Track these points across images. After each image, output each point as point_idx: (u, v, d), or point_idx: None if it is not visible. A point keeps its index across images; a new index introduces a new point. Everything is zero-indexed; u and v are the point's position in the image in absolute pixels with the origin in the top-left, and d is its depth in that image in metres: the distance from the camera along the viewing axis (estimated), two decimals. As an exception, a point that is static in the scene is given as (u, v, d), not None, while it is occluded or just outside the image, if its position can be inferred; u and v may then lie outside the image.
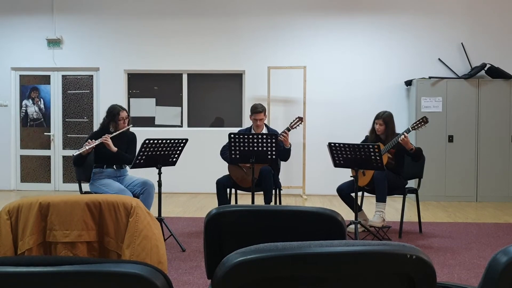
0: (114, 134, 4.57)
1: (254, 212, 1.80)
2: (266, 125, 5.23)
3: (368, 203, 6.00)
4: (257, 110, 5.06)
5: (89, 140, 4.45)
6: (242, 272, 1.02)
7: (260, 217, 1.81)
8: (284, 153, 4.91)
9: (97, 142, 4.44)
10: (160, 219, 4.36)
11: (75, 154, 4.42)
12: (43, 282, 1.00)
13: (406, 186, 4.96)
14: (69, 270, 1.00)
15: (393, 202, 6.81)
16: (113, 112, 4.67)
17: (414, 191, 4.98)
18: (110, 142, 4.48)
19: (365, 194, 5.26)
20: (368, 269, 1.08)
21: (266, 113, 5.21)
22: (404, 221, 5.02)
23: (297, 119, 5.05)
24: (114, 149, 4.51)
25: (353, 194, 4.70)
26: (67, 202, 1.80)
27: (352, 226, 4.54)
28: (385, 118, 4.87)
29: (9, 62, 8.10)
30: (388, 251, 1.07)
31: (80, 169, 4.64)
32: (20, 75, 8.20)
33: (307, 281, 1.07)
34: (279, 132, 4.94)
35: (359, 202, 4.98)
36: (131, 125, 4.78)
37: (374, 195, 4.77)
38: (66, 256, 1.68)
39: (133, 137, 4.83)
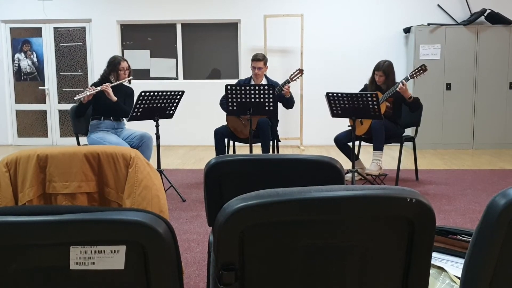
0: (115, 83, 4.57)
1: (254, 161, 1.80)
2: (266, 76, 5.17)
3: (365, 152, 6.03)
4: (256, 57, 5.02)
5: (90, 87, 4.45)
6: (243, 217, 1.03)
7: (260, 166, 1.81)
8: (287, 101, 4.96)
9: (98, 89, 4.44)
10: (159, 170, 4.39)
11: (76, 98, 4.45)
12: (44, 231, 1.00)
13: (403, 135, 4.97)
14: (70, 218, 1.00)
15: (390, 151, 6.85)
16: (114, 62, 4.65)
17: (411, 139, 5.00)
18: (110, 91, 4.48)
19: (362, 143, 5.28)
20: (368, 213, 1.08)
21: (267, 64, 5.13)
22: (401, 169, 5.07)
23: (298, 71, 4.99)
24: (114, 98, 4.51)
25: (350, 144, 4.72)
26: (65, 154, 1.79)
27: (349, 174, 4.58)
28: (385, 69, 4.81)
29: (-2, 15, 7.90)
30: (387, 195, 1.07)
31: (78, 121, 4.63)
32: (10, 28, 8.00)
33: (307, 225, 1.08)
34: (280, 84, 4.91)
35: (356, 152, 5.00)
36: (132, 77, 4.76)
37: (371, 144, 4.79)
38: (67, 205, 1.69)
39: (131, 92, 4.81)
